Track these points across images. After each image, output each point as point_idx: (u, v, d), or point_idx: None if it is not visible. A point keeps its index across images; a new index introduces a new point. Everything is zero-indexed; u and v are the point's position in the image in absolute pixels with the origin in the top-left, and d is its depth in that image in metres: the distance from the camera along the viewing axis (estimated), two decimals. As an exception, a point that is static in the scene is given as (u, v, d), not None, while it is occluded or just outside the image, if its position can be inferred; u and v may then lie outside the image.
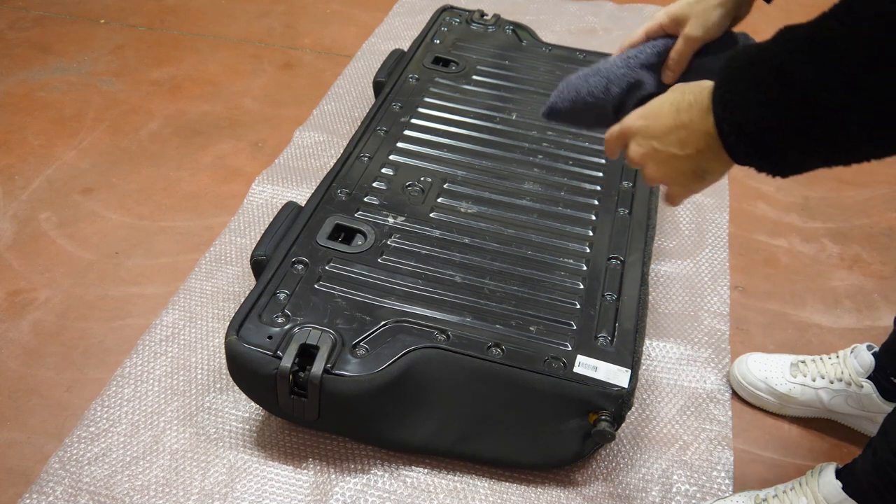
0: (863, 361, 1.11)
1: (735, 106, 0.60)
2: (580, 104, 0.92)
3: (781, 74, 0.56)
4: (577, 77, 0.93)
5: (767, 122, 0.58)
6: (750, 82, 0.59)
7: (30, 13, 2.18)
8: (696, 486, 1.10)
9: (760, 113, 0.58)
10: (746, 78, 0.59)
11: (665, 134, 0.69)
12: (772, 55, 0.58)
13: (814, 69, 0.54)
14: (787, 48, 0.57)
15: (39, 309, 1.32)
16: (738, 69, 0.60)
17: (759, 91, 0.58)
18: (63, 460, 1.09)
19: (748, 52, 0.60)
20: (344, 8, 2.30)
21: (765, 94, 0.57)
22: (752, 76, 0.58)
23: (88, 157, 1.67)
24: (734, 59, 0.61)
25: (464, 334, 1.07)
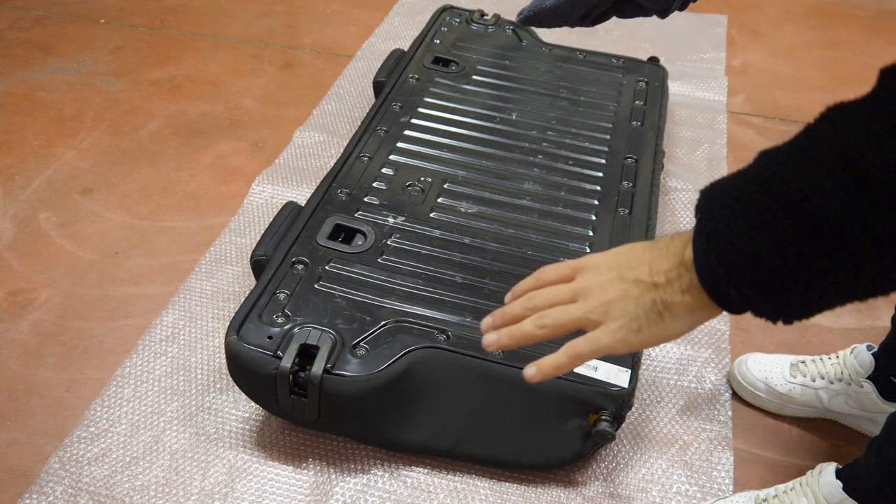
0: (862, 361, 1.11)
1: (720, 234, 0.52)
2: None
3: (770, 191, 0.50)
4: None
5: (763, 247, 0.50)
6: (734, 206, 0.52)
7: (30, 13, 2.18)
8: (696, 486, 1.10)
9: (753, 237, 0.51)
10: (729, 203, 0.52)
11: (634, 261, 0.60)
12: (755, 174, 0.52)
13: (809, 176, 0.49)
14: (772, 161, 0.52)
15: (39, 309, 1.32)
16: (719, 196, 0.54)
17: (747, 214, 0.51)
18: (63, 460, 1.09)
19: (726, 179, 0.54)
20: (344, 8, 2.30)
21: (754, 216, 0.51)
22: (736, 199, 0.52)
23: (88, 157, 1.67)
24: (712, 188, 0.55)
25: (464, 334, 1.07)
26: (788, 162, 0.50)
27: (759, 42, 2.22)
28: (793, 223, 0.49)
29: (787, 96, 1.97)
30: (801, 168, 0.49)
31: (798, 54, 2.16)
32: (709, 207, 0.54)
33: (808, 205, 0.48)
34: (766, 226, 0.50)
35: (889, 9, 2.39)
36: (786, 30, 2.29)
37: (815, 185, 0.48)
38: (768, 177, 0.51)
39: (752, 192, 0.51)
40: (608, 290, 0.60)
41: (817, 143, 0.50)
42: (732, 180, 0.54)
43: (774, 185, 0.50)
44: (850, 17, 2.34)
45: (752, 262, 0.51)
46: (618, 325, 0.59)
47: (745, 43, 2.20)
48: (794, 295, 0.51)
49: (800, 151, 0.50)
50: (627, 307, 0.59)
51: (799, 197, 0.49)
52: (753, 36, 2.24)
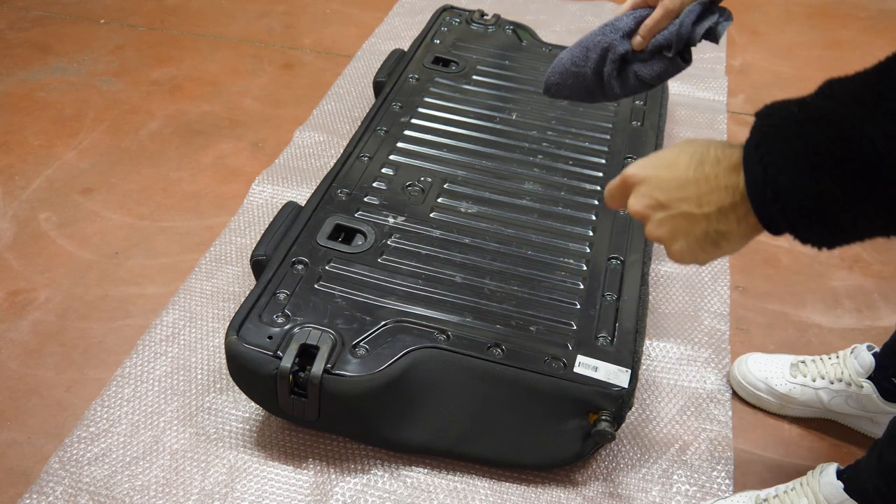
0: (863, 362, 1.11)
1: (778, 170, 0.52)
2: (568, 76, 0.96)
3: (836, 131, 0.49)
4: (565, 51, 0.98)
5: (822, 187, 0.50)
6: (794, 141, 0.52)
7: (30, 13, 2.18)
8: (696, 486, 1.10)
9: (813, 177, 0.50)
10: (790, 137, 0.52)
11: (680, 186, 0.60)
12: (821, 111, 0.51)
13: (879, 120, 0.48)
14: (841, 101, 0.50)
15: (39, 309, 1.32)
16: (778, 127, 0.53)
17: (808, 151, 0.51)
18: (63, 460, 1.09)
19: (787, 107, 0.54)
20: (344, 8, 2.30)
21: (816, 155, 0.50)
22: (797, 135, 0.52)
23: (88, 157, 1.67)
24: (770, 116, 0.55)
25: (464, 334, 1.07)
26: (857, 104, 0.49)
27: (759, 42, 2.22)
28: (855, 167, 0.49)
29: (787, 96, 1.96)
30: (871, 111, 0.48)
31: (798, 54, 2.16)
32: (766, 139, 0.54)
33: (873, 151, 0.48)
34: (827, 167, 0.50)
35: (889, 9, 2.39)
36: (786, 30, 2.29)
37: (885, 130, 0.47)
38: (834, 118, 0.50)
39: (816, 132, 0.50)
40: (661, 227, 0.63)
41: (890, 86, 0.48)
42: (794, 113, 0.53)
43: (841, 126, 0.49)
44: (850, 17, 2.34)
45: (809, 200, 0.51)
46: (678, 251, 0.62)
47: (745, 43, 2.20)
48: (842, 230, 0.52)
49: (870, 93, 0.49)
50: (682, 241, 0.61)
51: (866, 142, 0.48)
52: (753, 36, 2.24)
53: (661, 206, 0.62)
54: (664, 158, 0.63)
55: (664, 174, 0.62)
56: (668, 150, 0.63)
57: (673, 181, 0.61)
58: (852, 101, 0.50)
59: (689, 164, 0.60)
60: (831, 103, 0.51)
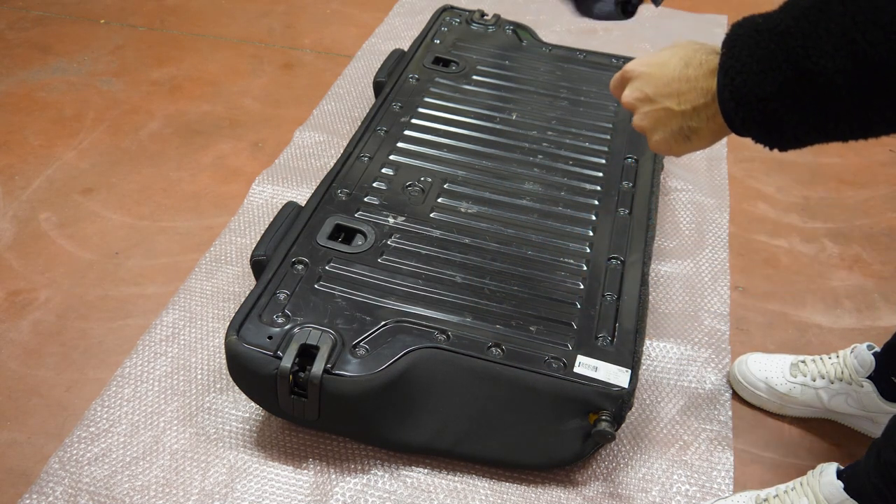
0: (863, 361, 1.11)
1: (736, 72, 0.60)
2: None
3: (782, 41, 0.57)
4: None
5: (766, 90, 0.58)
6: (752, 48, 0.59)
7: (30, 13, 2.18)
8: (697, 486, 1.10)
9: (760, 80, 0.58)
10: (749, 44, 0.59)
11: (666, 84, 0.69)
12: (775, 22, 0.58)
13: (815, 35, 0.55)
14: (791, 14, 0.57)
15: (39, 309, 1.32)
16: (742, 36, 0.61)
17: (760, 58, 0.58)
18: (63, 460, 1.09)
19: (754, 19, 0.61)
20: (344, 8, 2.30)
21: (765, 61, 0.58)
22: (755, 43, 0.59)
23: (88, 158, 1.67)
24: (740, 26, 0.62)
25: (464, 334, 1.07)
26: (802, 18, 0.56)
27: (760, 42, 2.21)
28: (793, 74, 0.56)
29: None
30: (812, 26, 0.55)
31: (798, 54, 2.16)
32: (731, 45, 0.61)
33: (808, 61, 0.55)
34: (772, 72, 0.58)
35: (889, 9, 2.39)
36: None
37: (818, 45, 0.54)
38: (783, 28, 0.57)
39: (768, 40, 0.58)
40: (645, 119, 0.73)
41: (830, 9, 0.54)
42: (757, 22, 0.60)
43: (786, 37, 0.57)
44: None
45: (755, 100, 0.59)
46: (655, 141, 0.73)
47: (745, 43, 2.20)
48: (787, 130, 0.59)
49: (815, 12, 0.55)
50: (660, 132, 0.71)
51: (802, 53, 0.55)
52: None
53: (648, 99, 0.72)
54: (659, 57, 0.71)
55: (655, 72, 0.71)
56: (664, 51, 0.71)
57: (661, 79, 0.70)
58: (800, 15, 0.56)
59: (677, 64, 0.68)
60: (786, 16, 0.58)
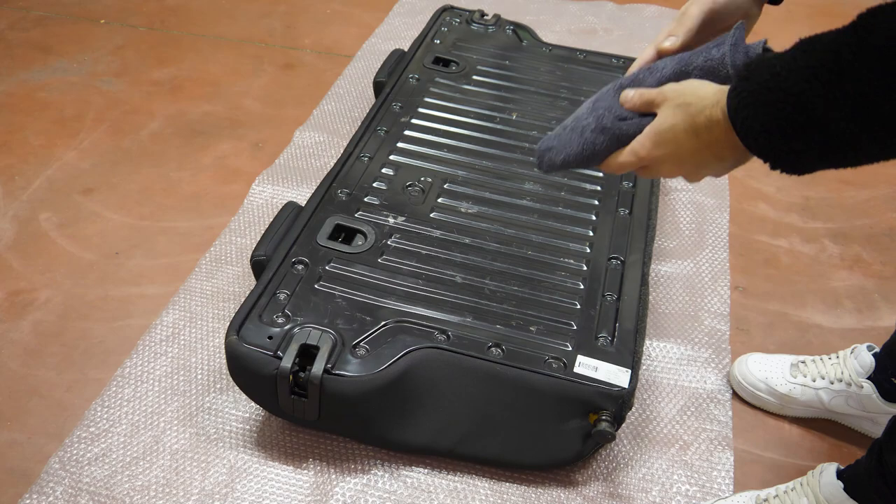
0: (863, 362, 1.11)
1: (757, 133, 0.62)
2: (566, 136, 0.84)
3: (799, 105, 0.58)
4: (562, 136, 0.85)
5: (791, 146, 0.61)
6: (768, 109, 0.60)
7: (30, 13, 2.18)
8: (697, 487, 1.10)
9: (785, 139, 0.60)
10: (764, 104, 0.61)
11: (694, 154, 0.71)
12: (788, 83, 0.59)
13: (832, 98, 0.56)
14: (803, 76, 0.58)
15: (40, 309, 1.32)
16: (754, 93, 0.61)
17: (780, 122, 0.60)
18: (63, 460, 1.09)
19: (760, 74, 0.61)
20: (344, 8, 2.30)
21: (786, 126, 0.60)
22: (770, 103, 0.60)
23: (89, 158, 1.67)
24: (748, 81, 0.62)
25: (464, 334, 1.07)
26: (815, 81, 0.57)
27: (760, 42, 2.21)
28: (818, 136, 0.58)
29: (787, 96, 1.97)
30: (828, 89, 0.56)
31: (798, 54, 2.15)
32: (744, 104, 0.62)
33: (830, 126, 0.57)
34: (795, 134, 0.60)
35: (889, 9, 2.39)
36: (786, 30, 2.29)
37: (838, 109, 0.56)
38: (797, 91, 0.58)
39: (783, 102, 0.59)
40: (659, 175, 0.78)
41: (844, 69, 0.56)
42: (767, 80, 0.61)
43: (803, 100, 0.58)
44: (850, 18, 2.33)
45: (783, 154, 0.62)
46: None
47: (745, 43, 2.20)
48: (812, 166, 0.62)
49: (827, 73, 0.56)
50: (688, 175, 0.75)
51: (823, 118, 0.57)
52: (753, 36, 2.24)
53: (674, 174, 0.75)
54: (665, 136, 0.72)
55: (676, 150, 0.72)
56: (663, 127, 0.72)
57: (687, 153, 0.71)
58: (812, 76, 0.57)
59: (688, 136, 0.70)
60: (798, 78, 0.58)
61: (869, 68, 0.54)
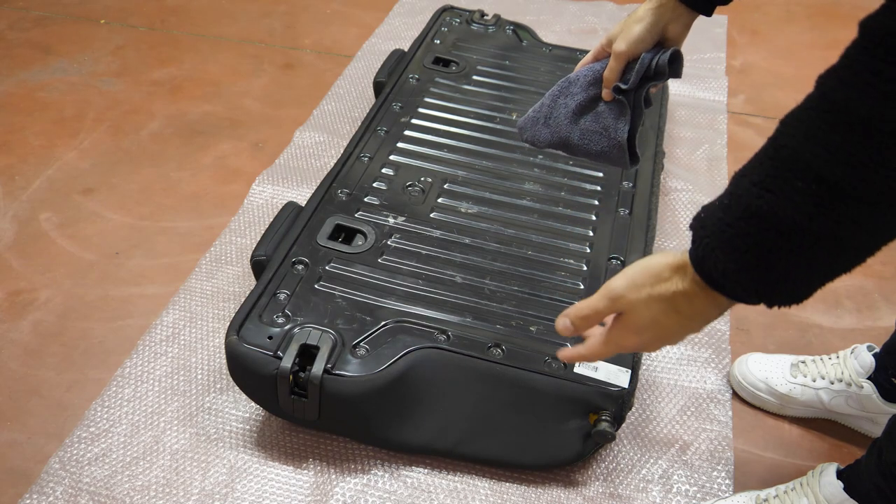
0: (863, 362, 1.11)
1: (733, 273, 0.58)
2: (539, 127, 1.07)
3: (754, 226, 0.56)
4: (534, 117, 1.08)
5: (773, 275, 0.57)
6: (733, 243, 0.57)
7: (30, 14, 2.18)
8: (697, 487, 1.10)
9: (761, 271, 0.57)
10: (727, 241, 0.58)
11: (680, 331, 0.67)
12: (740, 212, 0.56)
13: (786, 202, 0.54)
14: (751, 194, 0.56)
15: (40, 309, 1.32)
16: (714, 236, 0.58)
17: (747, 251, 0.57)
18: (63, 460, 1.09)
19: (713, 215, 0.59)
20: (344, 8, 2.30)
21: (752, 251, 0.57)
22: (732, 238, 0.57)
23: (89, 158, 1.67)
24: (704, 228, 0.60)
25: (464, 334, 1.07)
26: (766, 192, 0.55)
27: (760, 42, 2.22)
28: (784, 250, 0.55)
29: (787, 96, 1.97)
30: (780, 196, 0.54)
31: (798, 54, 2.16)
32: (708, 252, 0.59)
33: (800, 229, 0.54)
34: (765, 261, 0.56)
35: (889, 9, 2.39)
36: (786, 30, 2.29)
37: (798, 209, 0.53)
38: (754, 210, 0.55)
39: (743, 227, 0.56)
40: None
41: (788, 166, 0.54)
42: (721, 218, 0.58)
43: (760, 217, 0.55)
44: (850, 18, 2.33)
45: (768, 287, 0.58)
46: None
47: (745, 43, 2.20)
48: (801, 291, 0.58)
49: (773, 179, 0.55)
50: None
51: (791, 223, 0.54)
52: (753, 36, 2.24)
53: (665, 342, 0.69)
54: (644, 321, 0.66)
55: (661, 333, 0.67)
56: (640, 313, 0.66)
57: (662, 339, 0.67)
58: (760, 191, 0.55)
59: (667, 318, 0.65)
60: (741, 201, 0.56)
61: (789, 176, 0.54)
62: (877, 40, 0.50)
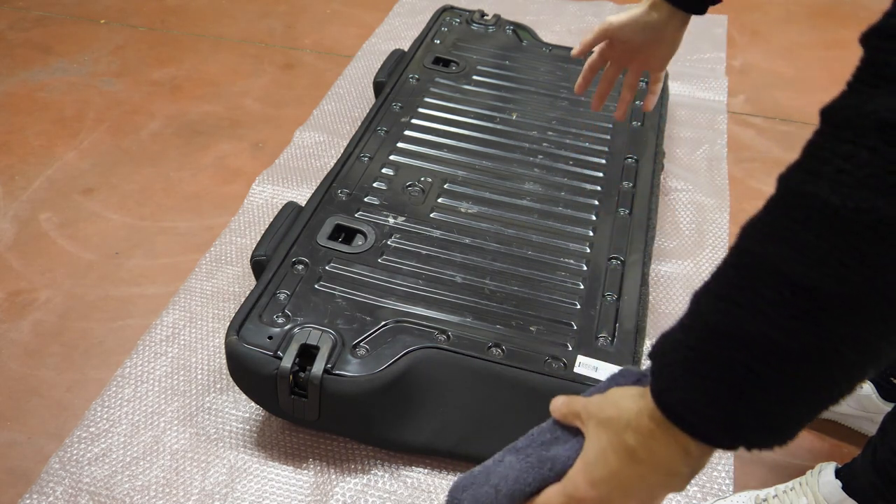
0: (863, 362, 1.11)
1: (697, 421, 0.48)
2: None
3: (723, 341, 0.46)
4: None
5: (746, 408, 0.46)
6: (694, 387, 0.47)
7: (30, 13, 2.18)
8: (696, 486, 1.10)
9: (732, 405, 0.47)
10: (686, 387, 0.48)
11: (641, 479, 0.52)
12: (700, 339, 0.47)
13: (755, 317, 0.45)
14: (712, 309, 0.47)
15: (40, 309, 1.32)
16: (675, 366, 0.48)
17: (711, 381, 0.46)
18: (63, 460, 1.09)
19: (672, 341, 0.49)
20: (344, 8, 2.30)
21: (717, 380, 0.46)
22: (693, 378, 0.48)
23: (89, 158, 1.67)
24: (664, 356, 0.49)
25: (464, 334, 1.07)
26: (732, 307, 0.46)
27: (760, 42, 2.22)
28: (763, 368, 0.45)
29: (787, 96, 1.97)
30: (748, 310, 0.45)
31: (798, 54, 2.16)
32: (670, 386, 0.49)
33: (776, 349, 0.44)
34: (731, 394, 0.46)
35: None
36: (786, 30, 2.29)
37: (772, 324, 0.44)
38: (720, 329, 0.46)
39: (707, 349, 0.47)
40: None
41: (753, 273, 0.46)
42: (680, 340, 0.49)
43: (728, 336, 0.46)
44: (850, 18, 2.34)
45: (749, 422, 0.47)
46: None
47: (745, 43, 2.20)
48: (787, 428, 0.48)
49: (738, 290, 0.46)
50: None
51: (764, 341, 0.44)
52: (753, 36, 2.24)
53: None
54: (598, 469, 0.54)
55: (613, 487, 0.53)
56: (593, 452, 0.54)
57: (623, 491, 0.53)
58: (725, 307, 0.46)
59: (623, 464, 0.52)
60: (703, 319, 0.47)
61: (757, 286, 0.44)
62: (841, 123, 0.43)
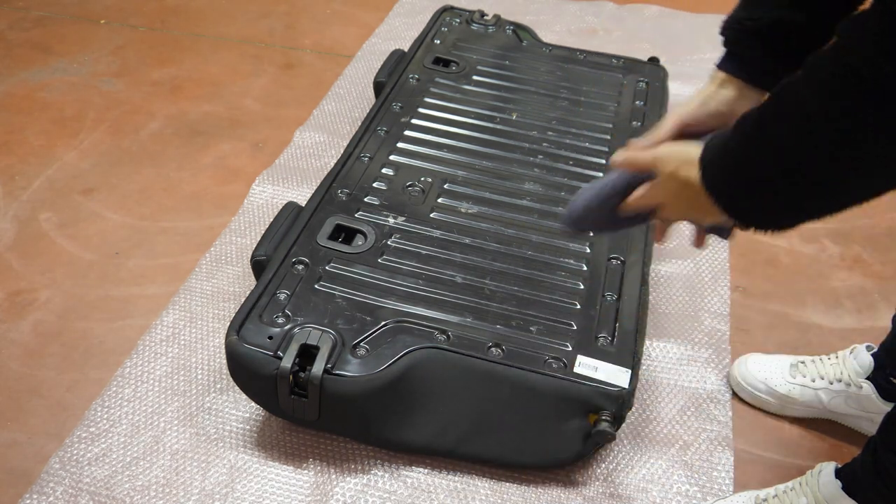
0: (862, 362, 1.11)
1: (726, 199, 0.69)
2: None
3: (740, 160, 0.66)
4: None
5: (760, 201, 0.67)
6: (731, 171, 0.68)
7: (30, 13, 2.18)
8: (697, 487, 1.10)
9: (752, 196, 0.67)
10: (725, 169, 0.68)
11: (691, 214, 0.79)
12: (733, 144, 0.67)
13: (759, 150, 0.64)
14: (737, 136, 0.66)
15: (40, 309, 1.32)
16: (716, 165, 0.69)
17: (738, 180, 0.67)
18: (63, 461, 1.09)
19: (718, 138, 0.69)
20: (344, 8, 2.30)
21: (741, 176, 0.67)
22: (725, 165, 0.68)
23: (89, 158, 1.67)
24: (712, 161, 0.69)
25: (464, 334, 1.07)
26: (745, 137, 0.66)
27: (760, 42, 2.21)
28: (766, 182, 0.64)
29: (787, 96, 1.97)
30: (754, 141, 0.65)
31: (798, 54, 2.15)
32: (714, 179, 0.69)
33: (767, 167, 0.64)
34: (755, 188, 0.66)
35: (889, 9, 2.39)
36: (786, 30, 2.28)
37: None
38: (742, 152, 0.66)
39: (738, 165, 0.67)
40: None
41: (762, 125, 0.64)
42: (721, 145, 0.69)
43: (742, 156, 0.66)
44: (850, 18, 2.33)
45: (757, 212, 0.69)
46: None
47: (745, 43, 2.20)
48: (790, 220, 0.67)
49: (752, 127, 0.65)
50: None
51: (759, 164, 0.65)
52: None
53: (677, 214, 0.81)
54: (665, 193, 0.78)
55: (673, 208, 0.79)
56: (664, 182, 0.77)
57: (679, 214, 0.80)
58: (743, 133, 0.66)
59: (678, 200, 0.77)
60: (740, 138, 0.66)
61: (779, 124, 0.61)
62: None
